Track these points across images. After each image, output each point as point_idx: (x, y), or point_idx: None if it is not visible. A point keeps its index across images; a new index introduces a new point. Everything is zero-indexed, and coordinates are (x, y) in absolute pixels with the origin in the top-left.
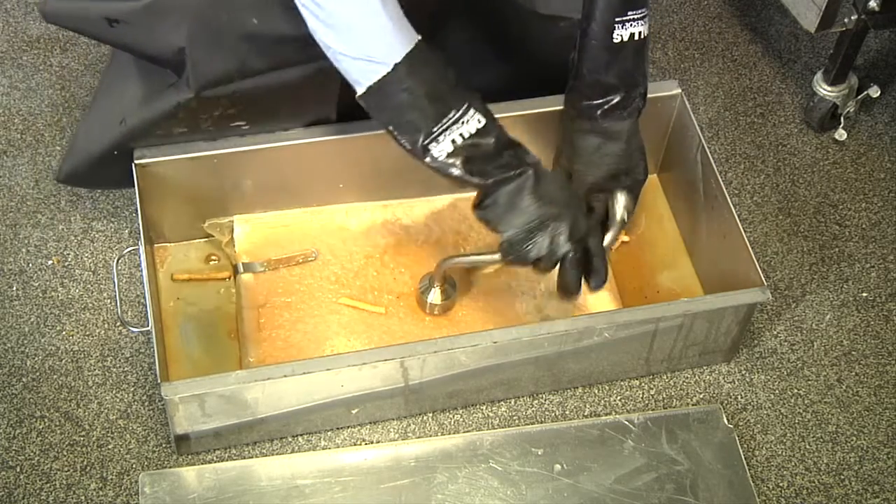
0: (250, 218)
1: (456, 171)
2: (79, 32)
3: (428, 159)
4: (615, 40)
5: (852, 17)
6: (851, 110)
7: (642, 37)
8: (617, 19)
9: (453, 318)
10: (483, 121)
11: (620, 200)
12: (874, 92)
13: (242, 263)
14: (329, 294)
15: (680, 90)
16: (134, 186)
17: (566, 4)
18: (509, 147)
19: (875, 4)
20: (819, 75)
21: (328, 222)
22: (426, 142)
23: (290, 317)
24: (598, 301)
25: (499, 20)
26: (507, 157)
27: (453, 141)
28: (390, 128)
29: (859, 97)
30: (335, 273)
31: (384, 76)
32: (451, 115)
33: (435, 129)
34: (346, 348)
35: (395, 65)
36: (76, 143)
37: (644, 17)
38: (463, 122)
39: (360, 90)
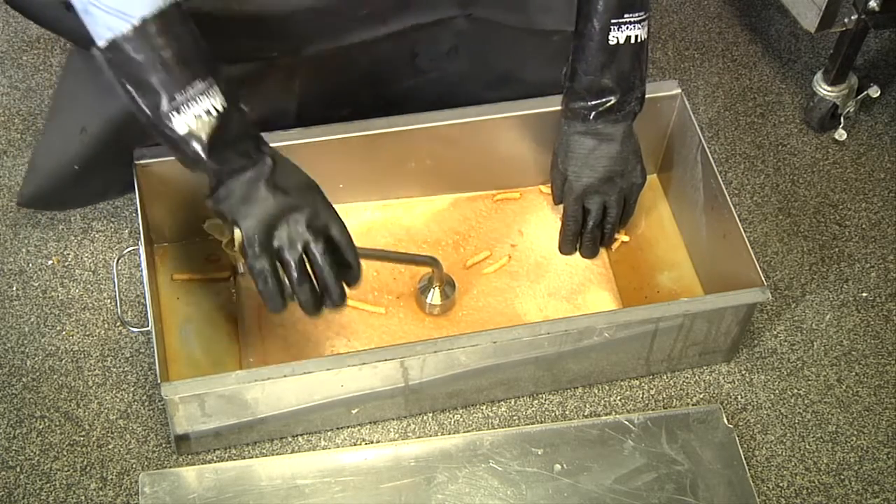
0: None
1: (196, 149)
2: (37, 21)
3: (167, 130)
4: (611, 42)
5: (852, 17)
6: (851, 110)
7: (640, 40)
8: (613, 21)
9: (453, 318)
10: (226, 104)
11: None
12: (874, 92)
13: (242, 263)
14: None
15: (680, 90)
16: (105, 201)
17: (558, 18)
18: (249, 135)
19: (875, 4)
20: (819, 75)
21: None
22: (168, 109)
23: (290, 317)
24: (598, 301)
25: (491, 39)
26: (247, 146)
27: (197, 115)
28: (130, 88)
29: (859, 97)
30: None
31: (133, 28)
32: (197, 86)
33: (178, 96)
34: (346, 348)
35: (144, 19)
36: (36, 162)
37: (642, 20)
38: (209, 97)
39: (101, 43)
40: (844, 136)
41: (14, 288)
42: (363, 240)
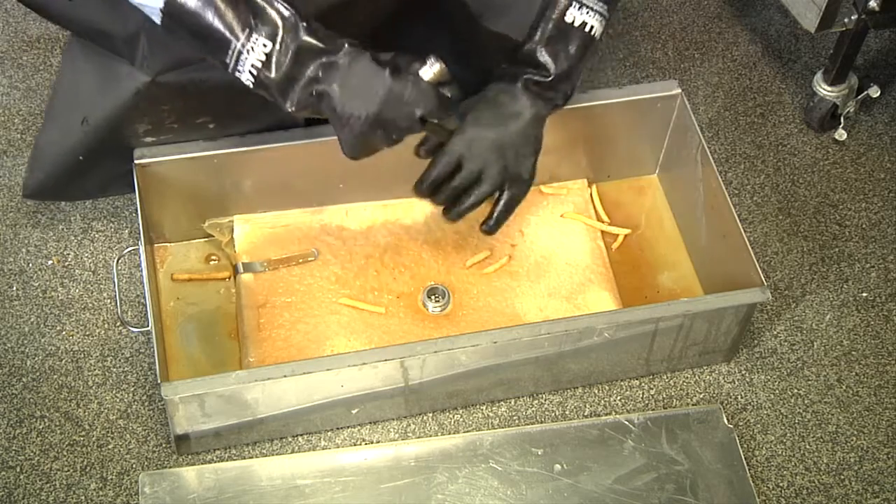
0: (250, 218)
1: (275, 96)
2: (38, 11)
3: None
4: (566, 19)
5: (852, 17)
6: (851, 110)
7: (593, 32)
8: None
9: (453, 318)
10: (271, 40)
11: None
12: (874, 92)
13: (242, 263)
14: (329, 294)
15: (680, 90)
16: (107, 196)
17: (511, 27)
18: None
19: (875, 4)
20: (819, 75)
21: (328, 222)
22: (231, 65)
23: (290, 317)
24: (598, 301)
25: (451, 26)
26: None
27: (253, 65)
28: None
29: (859, 97)
30: (335, 273)
31: None
32: (243, 36)
33: (236, 45)
34: (346, 348)
35: None
36: (39, 153)
37: (601, 11)
38: (256, 45)
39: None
40: (844, 136)
41: (14, 288)
42: (362, 240)
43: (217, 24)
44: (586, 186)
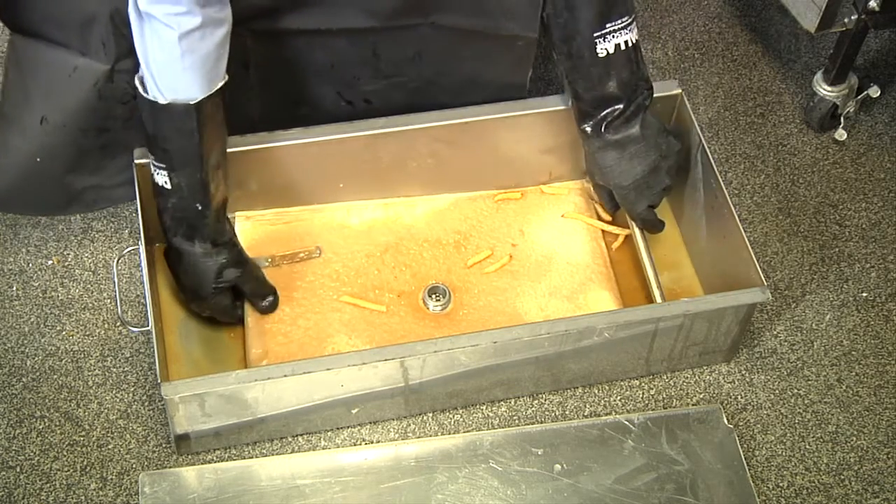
0: (252, 215)
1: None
2: None
3: None
4: (600, 55)
5: (852, 17)
6: (851, 110)
7: (630, 44)
8: (597, 35)
9: (454, 317)
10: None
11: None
12: (874, 92)
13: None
14: (330, 291)
15: (680, 90)
16: (72, 213)
17: (522, 24)
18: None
19: (875, 4)
20: (819, 75)
21: (329, 220)
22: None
23: (291, 312)
24: (598, 300)
25: (455, 46)
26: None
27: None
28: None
29: (859, 97)
30: (336, 271)
31: None
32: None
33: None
34: (346, 346)
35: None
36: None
37: (627, 25)
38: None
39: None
40: (844, 136)
41: (14, 288)
42: (363, 238)
43: None
44: (587, 186)
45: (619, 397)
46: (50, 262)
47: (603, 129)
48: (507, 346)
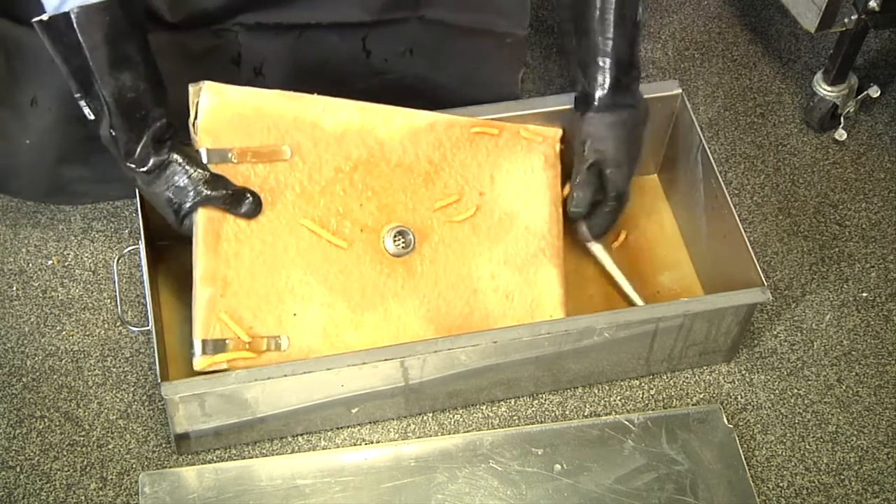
0: (222, 89)
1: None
2: None
3: None
4: (639, 18)
5: (852, 17)
6: (851, 110)
7: (638, 18)
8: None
9: (410, 267)
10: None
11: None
12: (874, 92)
13: (207, 150)
14: (292, 207)
15: (680, 90)
16: (67, 204)
17: (511, 21)
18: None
19: (875, 4)
20: (819, 75)
21: (302, 115)
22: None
23: (248, 225)
24: (546, 280)
25: (446, 42)
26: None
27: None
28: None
29: (859, 97)
30: (301, 182)
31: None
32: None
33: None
34: (300, 283)
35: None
36: None
37: None
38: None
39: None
40: (844, 136)
41: (14, 288)
42: (334, 147)
43: None
44: (558, 138)
45: (619, 397)
46: (50, 262)
47: (606, 95)
48: (506, 346)
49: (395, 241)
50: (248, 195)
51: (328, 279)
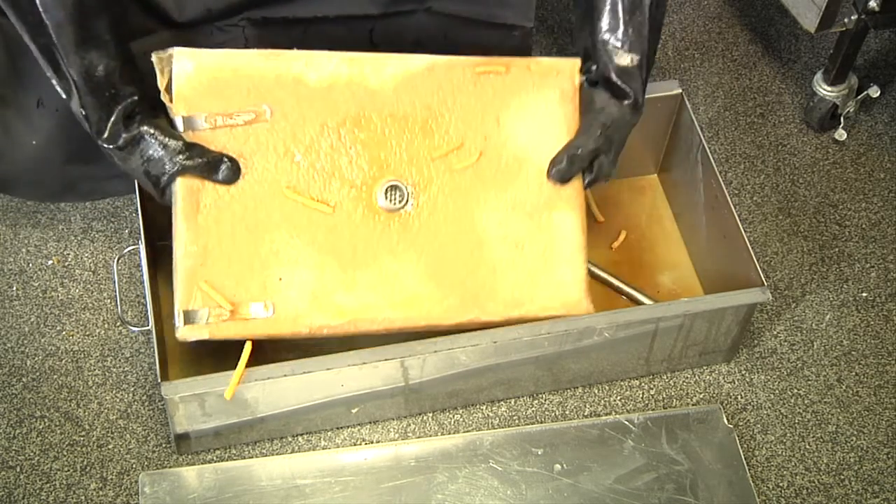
0: (195, 54)
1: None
2: None
3: None
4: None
5: (852, 17)
6: (851, 110)
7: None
8: None
9: (406, 224)
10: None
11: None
12: (874, 92)
13: (182, 118)
14: (274, 170)
15: (680, 90)
16: (73, 202)
17: (517, 13)
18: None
19: (875, 4)
20: (819, 75)
21: (284, 73)
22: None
23: (227, 191)
24: (562, 224)
25: (453, 34)
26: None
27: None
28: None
29: (859, 97)
30: (284, 142)
31: None
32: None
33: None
34: (287, 246)
35: None
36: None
37: None
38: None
39: None
40: (844, 136)
41: (14, 288)
42: (320, 102)
43: None
44: (577, 70)
45: (619, 397)
46: (50, 262)
47: (613, 75)
48: (506, 346)
49: (387, 196)
50: (226, 159)
51: (316, 240)
